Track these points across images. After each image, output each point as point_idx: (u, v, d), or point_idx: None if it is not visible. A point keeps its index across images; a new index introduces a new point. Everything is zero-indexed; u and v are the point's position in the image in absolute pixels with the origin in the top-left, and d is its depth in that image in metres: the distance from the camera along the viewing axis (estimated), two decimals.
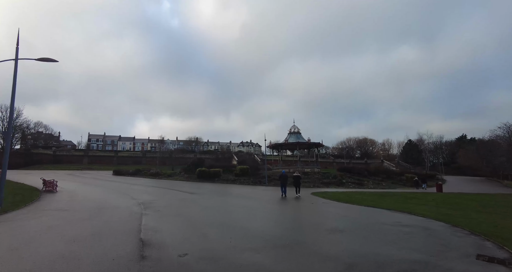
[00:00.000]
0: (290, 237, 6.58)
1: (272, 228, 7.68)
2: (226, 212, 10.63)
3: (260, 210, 11.39)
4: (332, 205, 13.88)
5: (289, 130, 48.06)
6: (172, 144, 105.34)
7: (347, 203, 15.21)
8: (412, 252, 5.39)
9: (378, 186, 39.95)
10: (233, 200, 15.29)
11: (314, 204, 14.13)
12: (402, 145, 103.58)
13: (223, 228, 7.46)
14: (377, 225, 8.33)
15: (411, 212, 11.68)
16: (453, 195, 25.65)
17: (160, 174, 41.90)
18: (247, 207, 12.34)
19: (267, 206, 12.85)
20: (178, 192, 19.01)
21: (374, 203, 15.51)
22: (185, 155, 77.91)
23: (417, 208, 13.79)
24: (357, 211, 11.75)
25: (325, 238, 6.45)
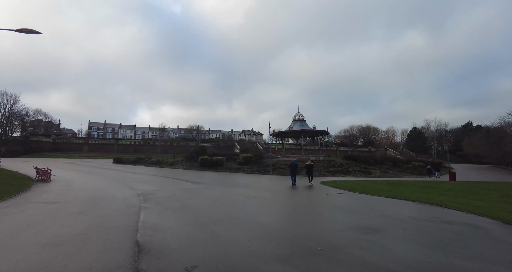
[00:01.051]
0: (320, 238, 5.35)
1: (294, 226, 6.45)
2: (235, 204, 9.43)
3: (273, 203, 10.20)
4: (349, 197, 12.70)
5: (294, 118, 46.59)
6: (173, 133, 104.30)
7: (364, 193, 14.04)
8: (486, 264, 4.17)
9: (385, 174, 38.92)
10: (241, 190, 14.13)
11: (329, 195, 12.95)
12: (406, 133, 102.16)
13: (235, 225, 6.26)
14: (415, 222, 7.11)
15: (440, 204, 10.49)
16: (468, 184, 24.52)
17: (162, 163, 40.89)
18: (258, 198, 11.16)
19: (279, 198, 11.68)
20: (181, 182, 17.89)
21: (392, 193, 14.35)
22: (186, 144, 76.93)
23: (442, 199, 12.59)
24: (380, 204, 10.55)
25: (363, 241, 5.21)
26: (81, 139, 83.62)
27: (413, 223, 6.92)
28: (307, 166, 19.67)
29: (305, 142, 56.61)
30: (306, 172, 19.51)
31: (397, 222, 6.95)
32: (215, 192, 12.93)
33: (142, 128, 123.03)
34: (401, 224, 6.65)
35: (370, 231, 5.94)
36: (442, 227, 6.48)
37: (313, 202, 10.36)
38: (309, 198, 11.69)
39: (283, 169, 35.79)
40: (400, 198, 12.24)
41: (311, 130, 43.68)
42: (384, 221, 6.98)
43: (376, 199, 11.96)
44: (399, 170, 43.33)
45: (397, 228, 6.29)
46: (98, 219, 6.73)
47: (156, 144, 73.05)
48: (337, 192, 14.06)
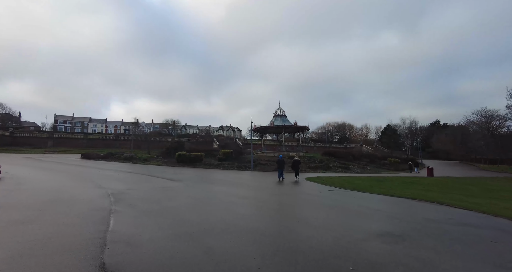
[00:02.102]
0: (346, 252, 4.26)
1: (306, 236, 5.30)
2: (225, 207, 8.13)
3: (268, 204, 9.03)
4: (344, 195, 11.88)
5: (274, 113, 45.77)
6: (147, 127, 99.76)
7: (355, 190, 13.36)
8: None
9: (364, 170, 39.35)
10: (227, 188, 12.83)
11: (322, 193, 12.05)
12: (379, 130, 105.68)
13: (233, 236, 5.01)
14: (434, 225, 6.30)
15: (440, 202, 9.95)
16: (444, 179, 25.02)
17: (135, 158, 38.27)
18: (249, 198, 9.95)
19: (272, 198, 10.53)
20: (157, 179, 16.20)
21: (384, 190, 13.79)
22: (161, 139, 73.62)
23: (436, 196, 12.19)
24: (381, 203, 9.79)
25: (399, 254, 4.21)
26: (45, 133, 77.13)
27: (434, 227, 6.08)
28: (294, 162, 19.57)
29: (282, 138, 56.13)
30: (292, 168, 19.45)
31: (416, 226, 6.09)
32: (198, 191, 11.52)
33: (114, 122, 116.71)
34: (423, 229, 5.78)
35: (395, 239, 4.96)
36: (470, 232, 5.70)
37: (310, 203, 9.36)
38: (305, 198, 10.68)
39: (264, 165, 34.85)
40: (396, 195, 11.65)
41: (292, 125, 43.12)
42: (401, 225, 6.08)
43: (372, 197, 11.24)
44: (376, 166, 44.15)
45: (422, 234, 5.40)
46: (49, 230, 5.14)
47: (129, 139, 69.09)
48: (329, 190, 13.23)
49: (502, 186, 20.68)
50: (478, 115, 60.38)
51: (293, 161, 19.73)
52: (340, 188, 14.52)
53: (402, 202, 9.88)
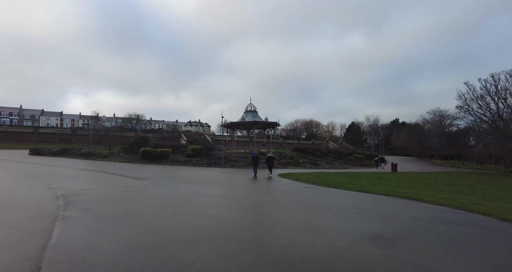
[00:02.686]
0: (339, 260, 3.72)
1: (290, 240, 4.70)
2: (200, 209, 7.21)
3: (243, 203, 8.29)
4: (319, 191, 11.59)
5: (246, 109, 45.08)
6: (109, 122, 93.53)
7: (330, 187, 13.20)
8: None
9: (331, 166, 40.39)
10: (198, 187, 11.87)
11: (298, 190, 11.65)
12: (344, 128, 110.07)
13: (210, 246, 4.22)
14: (419, 223, 6.08)
15: (415, 198, 10.03)
16: (409, 174, 26.35)
17: (94, 154, 35.19)
18: (224, 198, 9.13)
19: (248, 196, 9.81)
20: (120, 177, 14.68)
21: (357, 186, 13.83)
22: (124, 134, 69.23)
23: (408, 192, 12.43)
24: (360, 200, 9.59)
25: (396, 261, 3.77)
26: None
27: (421, 226, 5.84)
28: (268, 158, 19.83)
29: (252, 134, 55.77)
30: (266, 164, 19.62)
31: (405, 225, 5.81)
32: (166, 190, 10.45)
33: (70, 115, 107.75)
34: (412, 229, 5.49)
35: (389, 243, 4.56)
36: (458, 231, 5.52)
37: (290, 201, 8.82)
38: (282, 196, 10.12)
39: (235, 161, 34.11)
40: (371, 192, 11.63)
41: (263, 121, 42.78)
42: (390, 226, 5.75)
43: (349, 194, 11.08)
44: (343, 162, 45.63)
45: (413, 235, 5.08)
46: None
47: (88, 133, 63.86)
48: (304, 187, 12.91)
49: (457, 180, 22.20)
50: (432, 114, 65.41)
51: (267, 158, 19.92)
52: (314, 184, 14.31)
53: (380, 199, 9.79)
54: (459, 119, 51.09)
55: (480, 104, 48.32)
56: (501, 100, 46.31)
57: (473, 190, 15.25)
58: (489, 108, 47.90)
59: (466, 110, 49.48)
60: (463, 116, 50.82)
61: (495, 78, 46.69)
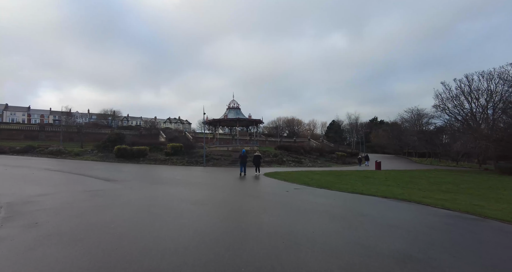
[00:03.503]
0: None
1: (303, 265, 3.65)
2: (176, 219, 6.01)
3: (231, 211, 7.09)
4: (311, 193, 10.67)
5: (228, 105, 43.70)
6: (82, 118, 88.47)
7: (322, 188, 12.36)
8: None
9: (315, 164, 40.11)
10: (176, 190, 10.56)
11: (289, 192, 10.68)
12: (325, 126, 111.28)
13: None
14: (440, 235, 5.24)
15: (418, 201, 9.31)
16: (393, 172, 26.26)
17: (64, 153, 32.48)
18: (205, 204, 7.91)
19: (234, 201, 8.61)
20: (88, 179, 13.02)
21: (348, 186, 13.12)
22: (99, 131, 65.26)
23: (402, 193, 11.85)
24: (359, 204, 8.76)
25: None
26: None
27: (448, 239, 4.97)
28: (255, 157, 19.63)
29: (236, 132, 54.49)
30: (253, 163, 19.50)
31: (427, 238, 4.94)
32: (139, 195, 9.07)
33: (39, 111, 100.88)
34: (439, 244, 4.62)
35: (424, 266, 3.62)
36: (499, 245, 4.73)
37: (284, 207, 7.75)
38: (274, 200, 9.05)
39: (218, 160, 32.78)
40: (366, 193, 10.88)
41: (246, 118, 41.65)
42: (411, 240, 4.85)
43: (343, 196, 10.25)
44: (325, 160, 45.56)
45: (446, 253, 4.19)
46: None
47: (58, 130, 59.59)
48: (294, 188, 11.96)
49: (440, 178, 22.23)
50: (409, 113, 67.29)
51: (254, 156, 19.68)
52: (304, 185, 13.44)
53: (380, 203, 9.02)
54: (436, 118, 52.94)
55: (455, 104, 50.20)
56: (474, 100, 48.33)
57: (460, 189, 15.02)
58: (463, 107, 49.89)
59: (443, 109, 51.23)
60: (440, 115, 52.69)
61: (469, 78, 48.56)
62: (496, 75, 44.78)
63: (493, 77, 45.11)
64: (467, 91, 48.37)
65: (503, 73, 44.02)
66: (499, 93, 45.36)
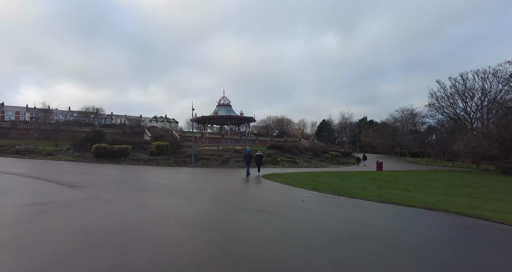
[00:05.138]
0: None
1: None
2: (155, 257, 3.61)
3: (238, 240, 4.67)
4: (334, 204, 8.41)
5: (219, 102, 41.07)
6: (63, 115, 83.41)
7: (339, 195, 10.14)
8: None
9: (310, 164, 38.21)
10: (159, 201, 8.03)
11: (306, 202, 8.35)
12: (315, 125, 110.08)
13: None
14: None
15: (469, 214, 7.29)
16: (398, 173, 24.48)
17: (34, 152, 28.95)
18: (198, 225, 5.45)
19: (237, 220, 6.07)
20: (47, 185, 10.26)
21: (367, 192, 10.99)
22: (79, 129, 60.88)
23: (442, 202, 9.80)
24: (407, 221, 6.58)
25: None
26: None
27: None
28: (257, 157, 19.17)
29: (224, 131, 51.85)
30: (255, 163, 19.24)
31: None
32: (107, 210, 6.51)
33: (14, 107, 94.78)
34: None
35: None
36: None
37: (314, 230, 5.42)
38: (291, 217, 6.61)
39: (207, 160, 30.15)
40: (395, 202, 8.73)
41: (238, 116, 39.14)
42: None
43: (378, 208, 8.03)
44: (320, 160, 43.76)
45: None
46: None
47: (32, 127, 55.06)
48: (307, 195, 9.67)
49: (451, 180, 20.51)
50: (400, 113, 66.69)
51: (256, 156, 19.11)
52: (315, 190, 11.20)
53: (428, 217, 6.87)
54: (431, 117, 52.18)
55: (449, 103, 49.52)
56: (468, 99, 47.77)
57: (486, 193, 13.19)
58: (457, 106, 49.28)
59: (438, 108, 50.48)
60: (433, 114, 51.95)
61: (463, 77, 47.95)
62: (491, 74, 44.41)
63: (488, 75, 44.74)
64: (462, 89, 47.80)
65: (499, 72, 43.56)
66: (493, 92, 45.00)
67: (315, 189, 11.36)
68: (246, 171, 17.74)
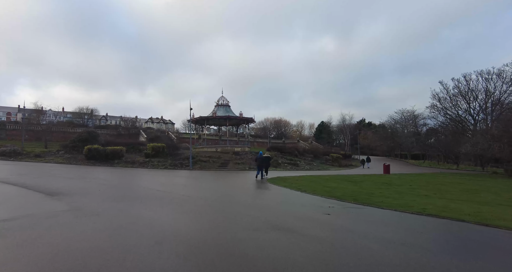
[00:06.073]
0: None
1: None
2: None
3: None
4: (367, 218, 7.09)
5: (217, 102, 39.68)
6: (56, 116, 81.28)
7: (363, 204, 8.81)
8: None
9: (312, 166, 36.95)
10: (152, 215, 6.62)
11: (332, 215, 7.00)
12: (313, 127, 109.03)
13: None
14: None
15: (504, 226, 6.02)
16: (407, 177, 23.27)
17: (21, 154, 27.27)
18: (201, 250, 4.14)
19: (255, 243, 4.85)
20: (19, 193, 8.79)
21: (392, 200, 9.67)
22: (72, 130, 58.95)
23: (483, 212, 8.52)
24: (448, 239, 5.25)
25: None
26: None
27: None
28: (265, 158, 18.43)
29: (226, 130, 50.47)
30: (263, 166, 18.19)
31: None
32: (90, 228, 5.09)
33: (5, 108, 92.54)
34: None
35: None
36: None
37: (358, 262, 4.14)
38: (321, 237, 5.28)
39: (206, 162, 28.72)
40: (433, 214, 7.42)
41: (237, 117, 37.76)
42: None
43: (411, 220, 6.73)
44: (321, 162, 42.56)
45: None
46: None
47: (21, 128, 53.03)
48: (329, 205, 8.33)
49: (465, 185, 19.28)
50: (400, 114, 65.92)
51: (263, 158, 18.37)
52: (330, 197, 9.88)
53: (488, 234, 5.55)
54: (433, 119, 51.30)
55: (452, 104, 48.69)
56: (472, 100, 46.97)
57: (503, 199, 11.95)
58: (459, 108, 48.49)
59: (440, 110, 49.63)
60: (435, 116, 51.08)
61: (467, 78, 47.12)
62: (496, 74, 43.65)
63: (492, 76, 43.95)
64: (465, 90, 46.98)
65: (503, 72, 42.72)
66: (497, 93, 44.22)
67: (332, 197, 10.03)
68: (256, 173, 17.52)
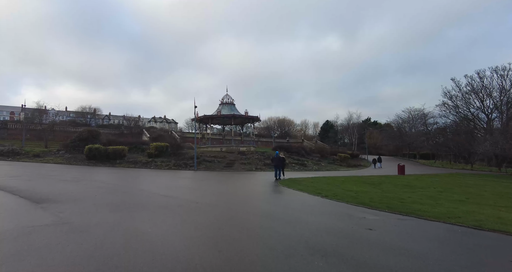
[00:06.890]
0: None
1: None
2: None
3: None
4: (407, 228, 5.83)
5: (221, 101, 38.51)
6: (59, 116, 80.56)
7: (394, 211, 7.54)
8: None
9: (320, 166, 35.56)
10: (160, 228, 5.41)
11: (375, 231, 5.74)
12: (317, 126, 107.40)
13: None
14: None
15: None
16: (427, 178, 21.89)
17: (19, 153, 26.22)
18: None
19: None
20: (7, 199, 7.64)
21: (437, 210, 8.35)
22: (74, 129, 58.10)
23: None
24: None
25: None
26: None
27: None
28: (279, 159, 17.75)
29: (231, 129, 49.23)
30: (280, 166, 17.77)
31: None
32: (75, 251, 3.88)
33: (9, 107, 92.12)
34: None
35: None
36: None
37: None
38: (376, 264, 4.11)
39: (211, 162, 27.52)
40: (488, 229, 6.14)
41: (243, 115, 36.52)
42: None
43: (476, 237, 5.45)
44: (328, 162, 41.20)
45: None
46: None
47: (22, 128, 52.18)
48: (363, 216, 7.04)
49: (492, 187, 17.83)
50: (407, 113, 64.35)
51: (278, 159, 17.96)
52: (359, 205, 8.59)
53: None
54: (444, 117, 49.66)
55: (465, 101, 47.00)
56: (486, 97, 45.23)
57: None
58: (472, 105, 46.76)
59: (452, 107, 47.99)
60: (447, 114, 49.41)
61: (480, 75, 45.40)
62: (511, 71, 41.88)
63: (508, 73, 42.19)
64: (479, 87, 45.28)
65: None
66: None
67: (360, 204, 8.73)
68: (274, 174, 17.46)
